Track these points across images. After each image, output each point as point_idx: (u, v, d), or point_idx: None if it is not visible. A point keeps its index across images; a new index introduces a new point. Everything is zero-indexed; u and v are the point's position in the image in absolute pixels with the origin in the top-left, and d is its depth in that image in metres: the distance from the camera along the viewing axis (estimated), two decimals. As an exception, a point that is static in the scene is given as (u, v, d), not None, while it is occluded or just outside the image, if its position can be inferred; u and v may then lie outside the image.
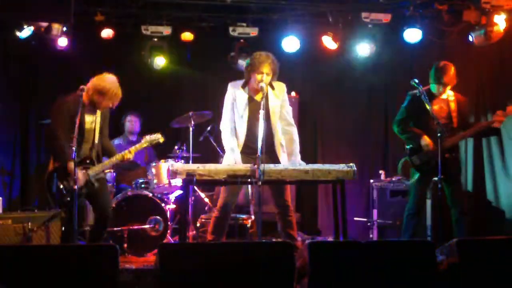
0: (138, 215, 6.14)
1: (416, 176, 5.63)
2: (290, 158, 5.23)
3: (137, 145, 5.43)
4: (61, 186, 5.07)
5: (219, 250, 3.81)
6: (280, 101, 5.29)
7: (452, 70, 5.55)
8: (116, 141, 7.03)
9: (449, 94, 5.63)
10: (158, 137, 5.47)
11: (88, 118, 5.17)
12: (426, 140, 5.51)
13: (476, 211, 7.36)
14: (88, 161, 5.17)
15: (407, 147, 5.72)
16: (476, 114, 7.26)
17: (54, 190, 5.10)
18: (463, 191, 5.54)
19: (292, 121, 5.37)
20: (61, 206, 5.18)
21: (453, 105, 5.60)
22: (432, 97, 5.58)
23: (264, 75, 5.11)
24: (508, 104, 5.45)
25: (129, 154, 5.29)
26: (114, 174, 6.69)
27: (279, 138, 5.26)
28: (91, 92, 5.09)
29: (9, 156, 7.35)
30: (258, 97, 5.21)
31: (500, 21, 6.77)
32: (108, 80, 5.13)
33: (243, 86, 5.26)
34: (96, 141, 5.23)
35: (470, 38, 6.98)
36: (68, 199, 5.06)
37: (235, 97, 5.24)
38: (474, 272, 3.87)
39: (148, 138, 5.46)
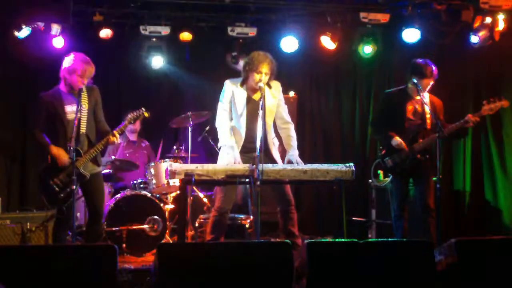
0: (137, 215, 6.14)
1: (389, 178, 5.63)
2: (288, 152, 5.22)
3: (122, 126, 5.20)
4: (53, 184, 5.05)
5: (218, 250, 3.81)
6: (276, 100, 5.30)
7: (431, 64, 5.50)
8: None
9: (424, 95, 5.55)
10: (142, 112, 5.25)
11: (69, 108, 5.08)
12: (397, 140, 5.45)
13: (475, 211, 7.40)
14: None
15: (380, 149, 5.68)
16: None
17: (47, 188, 5.07)
18: (431, 192, 5.44)
19: (289, 119, 5.37)
20: (55, 204, 5.14)
21: (427, 107, 5.52)
22: (407, 97, 5.57)
23: (263, 75, 5.11)
24: (483, 104, 5.43)
25: (113, 137, 5.11)
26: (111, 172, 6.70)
27: (272, 137, 5.27)
28: (63, 77, 5.09)
29: (8, 156, 7.34)
30: (256, 97, 5.21)
31: (498, 21, 6.78)
32: (74, 59, 5.07)
33: (242, 85, 5.26)
34: (83, 130, 5.08)
35: (469, 38, 6.99)
36: (62, 195, 5.05)
37: (233, 95, 5.24)
38: (473, 272, 3.87)
39: (130, 116, 5.25)
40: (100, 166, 5.31)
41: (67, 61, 5.09)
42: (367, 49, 7.39)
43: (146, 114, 5.29)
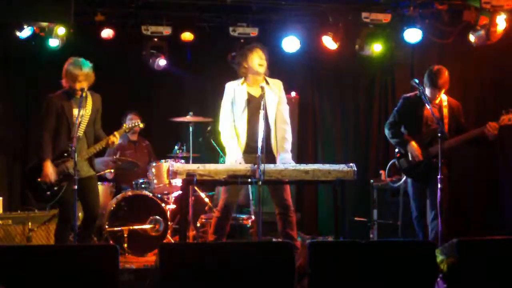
0: (139, 215, 6.14)
1: (403, 179, 5.59)
2: (280, 155, 5.21)
3: (120, 130, 5.32)
4: (41, 181, 5.05)
5: (219, 250, 3.81)
6: (277, 98, 5.30)
7: (446, 73, 5.43)
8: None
9: (442, 98, 5.52)
10: (137, 123, 5.54)
11: (76, 112, 5.11)
12: (413, 146, 5.42)
13: (477, 210, 7.39)
14: (65, 154, 5.07)
15: (396, 150, 5.65)
16: (477, 114, 7.25)
17: (34, 185, 5.08)
18: (441, 196, 5.36)
19: (288, 120, 5.36)
20: (41, 202, 5.19)
21: (445, 110, 5.49)
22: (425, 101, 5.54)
23: (260, 52, 5.19)
24: (502, 113, 5.38)
25: (113, 137, 5.18)
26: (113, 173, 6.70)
27: (275, 136, 5.27)
28: (65, 81, 5.13)
29: (9, 156, 7.35)
30: (257, 95, 5.22)
31: (500, 21, 6.77)
32: (68, 65, 5.11)
33: (242, 84, 5.27)
34: (80, 133, 5.10)
35: (470, 38, 6.98)
36: (48, 193, 5.05)
37: (234, 95, 5.25)
38: (474, 272, 3.87)
39: (126, 125, 5.53)
40: (95, 171, 5.32)
41: (64, 67, 5.14)
42: (369, 49, 7.39)
43: (141, 125, 5.56)
